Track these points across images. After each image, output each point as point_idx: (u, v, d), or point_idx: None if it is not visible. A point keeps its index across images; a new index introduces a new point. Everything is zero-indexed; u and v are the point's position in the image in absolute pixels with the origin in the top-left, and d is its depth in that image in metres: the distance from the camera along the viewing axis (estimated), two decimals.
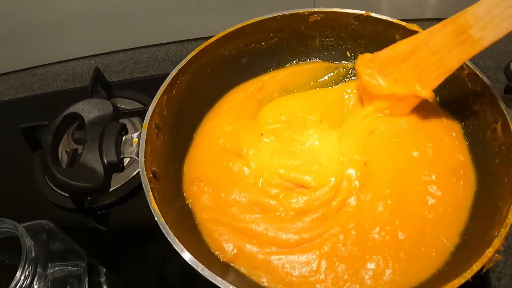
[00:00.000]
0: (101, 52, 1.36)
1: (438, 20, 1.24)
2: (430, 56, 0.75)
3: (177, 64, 0.83)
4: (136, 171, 1.02)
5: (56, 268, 0.78)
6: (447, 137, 0.84)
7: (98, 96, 1.12)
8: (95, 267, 0.91)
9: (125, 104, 1.14)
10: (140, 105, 1.14)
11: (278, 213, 0.76)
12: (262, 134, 0.84)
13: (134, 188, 1.00)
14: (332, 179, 0.78)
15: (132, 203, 0.99)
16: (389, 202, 0.76)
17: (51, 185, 1.02)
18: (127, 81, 1.27)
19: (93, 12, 1.24)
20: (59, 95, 1.27)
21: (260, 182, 0.79)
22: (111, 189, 0.98)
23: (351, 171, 0.78)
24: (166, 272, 0.90)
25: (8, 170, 1.12)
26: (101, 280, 0.91)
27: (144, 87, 1.19)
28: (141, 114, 1.07)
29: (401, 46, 0.79)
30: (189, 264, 0.62)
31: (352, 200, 0.77)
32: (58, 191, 1.01)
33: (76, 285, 0.84)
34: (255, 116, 0.92)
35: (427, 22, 1.32)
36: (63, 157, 1.04)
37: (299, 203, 0.77)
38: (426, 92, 0.77)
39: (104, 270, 0.91)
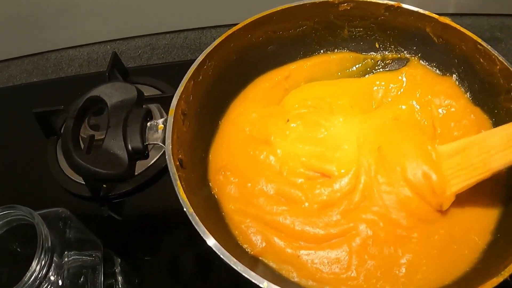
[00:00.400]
0: (117, 38, 1.33)
1: (461, 16, 1.24)
2: (477, 156, 0.70)
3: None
4: (153, 160, 1.00)
5: (72, 257, 0.76)
6: (477, 133, 0.80)
7: (115, 81, 1.09)
8: (110, 257, 0.88)
9: (142, 90, 1.10)
10: (158, 92, 1.11)
11: (303, 206, 0.74)
12: (288, 120, 0.82)
13: (151, 177, 0.98)
14: (353, 168, 0.76)
15: (149, 192, 0.98)
16: None
17: (65, 171, 1.00)
18: (144, 67, 1.25)
19: None
20: (74, 80, 1.25)
21: (286, 171, 0.77)
22: None
23: (366, 158, 0.77)
24: (182, 263, 0.89)
25: (21, 156, 1.10)
26: (116, 270, 0.89)
27: (162, 73, 1.17)
28: (162, 100, 1.05)
29: (458, 143, 0.74)
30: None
31: (375, 192, 0.74)
32: (73, 178, 0.99)
33: (91, 276, 0.81)
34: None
35: (449, 17, 1.29)
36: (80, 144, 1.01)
37: (322, 195, 0.74)
38: (452, 191, 0.71)
39: (119, 260, 0.89)
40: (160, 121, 0.73)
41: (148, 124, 0.73)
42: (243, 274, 0.57)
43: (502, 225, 0.71)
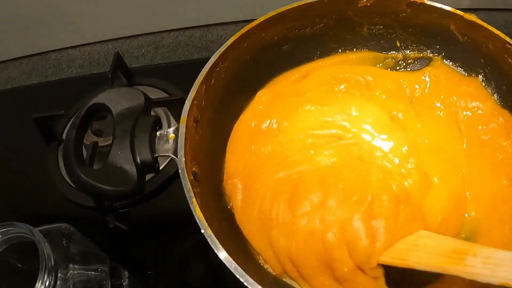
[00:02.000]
0: (119, 36, 1.29)
1: (475, 10, 1.21)
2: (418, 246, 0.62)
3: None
4: (161, 167, 0.96)
5: (77, 272, 0.74)
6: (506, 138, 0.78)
7: (118, 83, 1.05)
8: (117, 270, 0.86)
9: (148, 93, 1.04)
10: (164, 93, 1.07)
11: None
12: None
13: (159, 185, 0.94)
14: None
15: (157, 201, 0.94)
16: None
17: (67, 180, 0.96)
18: (149, 67, 1.21)
19: None
20: (74, 81, 1.21)
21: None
22: None
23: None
24: (193, 276, 0.87)
25: (21, 163, 1.07)
26: (123, 283, 0.86)
27: (167, 74, 1.13)
28: (169, 103, 1.01)
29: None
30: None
31: None
32: (75, 186, 0.94)
33: None
34: None
35: (462, 11, 1.28)
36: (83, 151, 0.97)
37: None
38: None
39: (127, 273, 0.87)
40: (171, 130, 0.67)
41: (158, 133, 0.68)
42: None
43: None
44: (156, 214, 0.94)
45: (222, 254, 0.56)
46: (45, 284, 0.63)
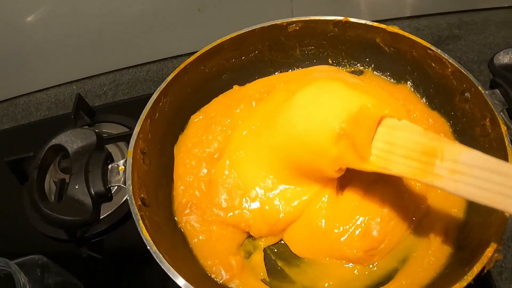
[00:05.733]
0: (82, 77, 1.34)
1: (418, 17, 1.27)
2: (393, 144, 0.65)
3: (159, 84, 0.82)
4: (126, 196, 1.00)
5: None
6: None
7: (81, 122, 1.11)
8: None
9: (110, 129, 1.13)
10: (126, 128, 1.12)
11: None
12: None
13: (127, 213, 0.98)
14: None
15: (126, 228, 0.97)
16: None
17: None
18: (110, 104, 1.25)
19: (70, 38, 1.22)
20: (42, 124, 1.25)
21: None
22: (102, 216, 0.96)
23: None
24: None
25: None
26: None
27: (128, 109, 1.17)
28: (126, 138, 1.05)
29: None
30: None
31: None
32: None
33: None
34: None
35: (406, 20, 1.33)
36: (51, 187, 1.03)
37: None
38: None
39: None
40: (121, 162, 0.74)
41: (109, 166, 0.75)
42: None
43: (466, 227, 0.73)
44: (129, 240, 0.97)
45: (166, 266, 0.62)
46: None
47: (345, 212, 0.75)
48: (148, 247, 0.64)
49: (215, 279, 0.72)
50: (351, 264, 0.73)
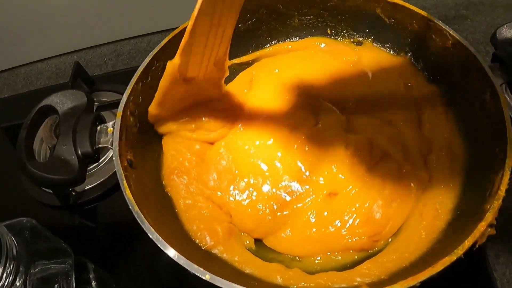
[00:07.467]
0: (83, 47, 1.33)
1: None
2: None
3: None
4: None
5: (42, 267, 0.76)
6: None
7: (80, 90, 1.09)
8: (83, 264, 0.88)
9: (108, 97, 1.12)
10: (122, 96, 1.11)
11: None
12: None
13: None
14: None
15: (120, 196, 0.95)
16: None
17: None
18: (109, 74, 1.25)
19: (72, 8, 1.21)
20: (41, 92, 1.24)
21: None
22: (96, 183, 0.97)
23: None
24: (157, 266, 0.88)
25: None
26: (90, 276, 0.88)
27: (127, 79, 1.12)
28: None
29: None
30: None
31: None
32: (44, 189, 0.99)
33: (63, 283, 0.80)
34: None
35: None
36: (47, 153, 1.03)
37: None
38: None
39: (93, 266, 0.89)
40: (110, 124, 0.74)
41: (98, 128, 0.74)
42: (186, 267, 0.58)
43: (461, 203, 0.71)
44: (121, 208, 0.90)
45: (146, 226, 0.62)
46: (7, 272, 0.66)
47: (341, 205, 0.74)
48: (130, 207, 0.64)
49: (198, 244, 0.71)
50: None
